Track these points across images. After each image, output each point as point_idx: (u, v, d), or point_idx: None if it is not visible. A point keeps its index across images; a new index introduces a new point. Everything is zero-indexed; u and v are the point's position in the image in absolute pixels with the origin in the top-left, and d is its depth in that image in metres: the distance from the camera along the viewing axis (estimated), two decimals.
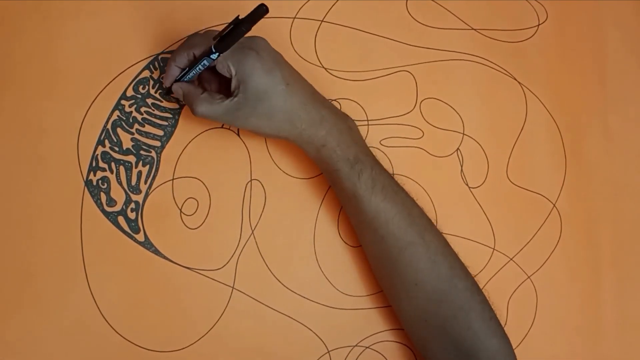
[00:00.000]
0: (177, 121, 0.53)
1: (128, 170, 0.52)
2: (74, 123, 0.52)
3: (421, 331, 0.48)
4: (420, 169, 0.56)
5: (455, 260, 0.48)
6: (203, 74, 0.49)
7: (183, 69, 0.48)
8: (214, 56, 0.44)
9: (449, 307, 0.47)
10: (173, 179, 0.53)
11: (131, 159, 0.53)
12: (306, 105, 0.46)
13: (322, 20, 0.56)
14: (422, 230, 0.47)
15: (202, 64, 0.46)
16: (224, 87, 0.48)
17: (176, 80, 0.49)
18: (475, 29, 0.58)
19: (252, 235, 0.53)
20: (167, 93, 0.52)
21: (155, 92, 0.53)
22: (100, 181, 0.52)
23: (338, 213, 0.54)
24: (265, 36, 0.55)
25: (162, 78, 0.51)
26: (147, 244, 0.52)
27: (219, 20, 0.54)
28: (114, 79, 0.53)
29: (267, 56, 0.46)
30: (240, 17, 0.41)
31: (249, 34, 0.42)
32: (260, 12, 0.39)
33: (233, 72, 0.45)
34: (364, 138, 0.50)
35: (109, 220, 0.52)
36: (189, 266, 0.52)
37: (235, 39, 0.42)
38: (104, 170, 0.52)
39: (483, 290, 0.49)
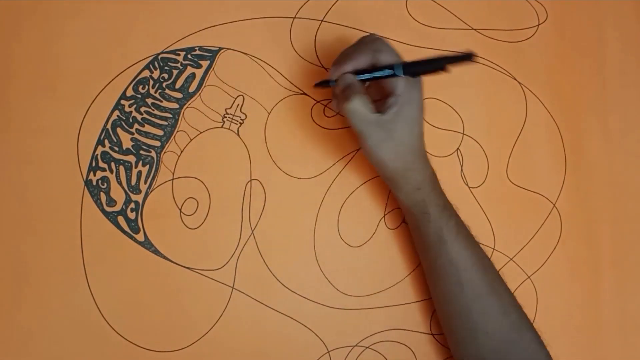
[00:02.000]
0: (177, 121, 0.53)
1: (128, 170, 0.52)
2: (74, 123, 0.52)
3: None
4: None
5: (522, 312, 0.49)
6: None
7: (356, 69, 0.47)
8: (398, 73, 0.44)
9: (516, 357, 0.47)
10: (173, 179, 0.53)
11: (131, 159, 0.53)
12: (422, 150, 0.48)
13: (322, 20, 0.56)
14: (494, 280, 0.48)
15: (384, 72, 0.45)
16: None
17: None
18: (475, 29, 0.58)
19: (252, 235, 0.53)
20: (321, 84, 0.51)
21: (155, 92, 0.53)
22: (100, 181, 0.52)
23: (338, 213, 0.54)
24: (265, 36, 0.55)
25: (331, 68, 0.48)
26: (147, 244, 0.52)
27: (218, 21, 0.54)
28: (114, 79, 0.53)
29: (422, 96, 0.46)
30: (446, 55, 0.41)
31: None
32: (466, 58, 0.39)
33: (398, 91, 0.45)
34: None
35: (109, 220, 0.52)
36: (189, 266, 0.52)
37: (428, 71, 0.42)
38: (103, 170, 0.52)
39: None
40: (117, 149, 0.52)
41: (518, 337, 0.47)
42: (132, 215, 0.52)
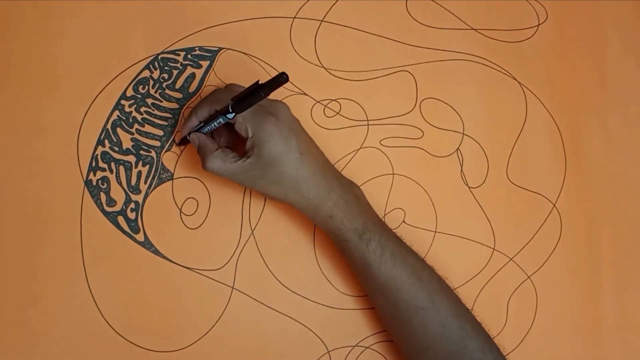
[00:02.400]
0: (177, 121, 0.53)
1: (128, 170, 0.52)
2: (74, 123, 0.52)
3: None
4: (420, 169, 0.56)
5: (466, 320, 0.48)
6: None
7: (201, 121, 0.48)
8: (230, 115, 0.45)
9: None
10: (173, 179, 0.53)
11: (131, 159, 0.53)
12: (316, 175, 0.47)
13: (322, 20, 0.56)
14: (432, 294, 0.48)
15: (218, 120, 0.46)
16: (236, 140, 0.48)
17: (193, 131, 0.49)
18: (475, 29, 0.58)
19: (252, 235, 0.53)
20: (181, 142, 0.52)
21: (155, 92, 0.53)
22: (100, 181, 0.52)
23: None
24: (265, 36, 0.55)
25: (180, 126, 0.50)
26: (147, 244, 0.52)
27: (218, 21, 0.54)
28: (114, 79, 0.53)
29: (286, 123, 0.46)
30: (260, 82, 0.41)
31: (271, 96, 0.42)
32: (281, 80, 0.39)
33: (250, 134, 0.45)
34: (364, 139, 0.50)
35: (109, 220, 0.52)
36: (189, 266, 0.52)
37: (253, 103, 0.43)
38: (103, 170, 0.52)
39: (482, 292, 0.49)
40: (117, 149, 0.53)
41: (460, 348, 0.47)
42: (132, 215, 0.52)
